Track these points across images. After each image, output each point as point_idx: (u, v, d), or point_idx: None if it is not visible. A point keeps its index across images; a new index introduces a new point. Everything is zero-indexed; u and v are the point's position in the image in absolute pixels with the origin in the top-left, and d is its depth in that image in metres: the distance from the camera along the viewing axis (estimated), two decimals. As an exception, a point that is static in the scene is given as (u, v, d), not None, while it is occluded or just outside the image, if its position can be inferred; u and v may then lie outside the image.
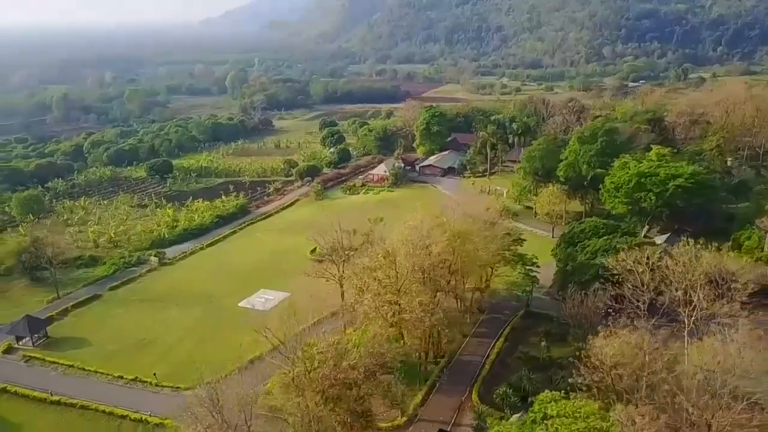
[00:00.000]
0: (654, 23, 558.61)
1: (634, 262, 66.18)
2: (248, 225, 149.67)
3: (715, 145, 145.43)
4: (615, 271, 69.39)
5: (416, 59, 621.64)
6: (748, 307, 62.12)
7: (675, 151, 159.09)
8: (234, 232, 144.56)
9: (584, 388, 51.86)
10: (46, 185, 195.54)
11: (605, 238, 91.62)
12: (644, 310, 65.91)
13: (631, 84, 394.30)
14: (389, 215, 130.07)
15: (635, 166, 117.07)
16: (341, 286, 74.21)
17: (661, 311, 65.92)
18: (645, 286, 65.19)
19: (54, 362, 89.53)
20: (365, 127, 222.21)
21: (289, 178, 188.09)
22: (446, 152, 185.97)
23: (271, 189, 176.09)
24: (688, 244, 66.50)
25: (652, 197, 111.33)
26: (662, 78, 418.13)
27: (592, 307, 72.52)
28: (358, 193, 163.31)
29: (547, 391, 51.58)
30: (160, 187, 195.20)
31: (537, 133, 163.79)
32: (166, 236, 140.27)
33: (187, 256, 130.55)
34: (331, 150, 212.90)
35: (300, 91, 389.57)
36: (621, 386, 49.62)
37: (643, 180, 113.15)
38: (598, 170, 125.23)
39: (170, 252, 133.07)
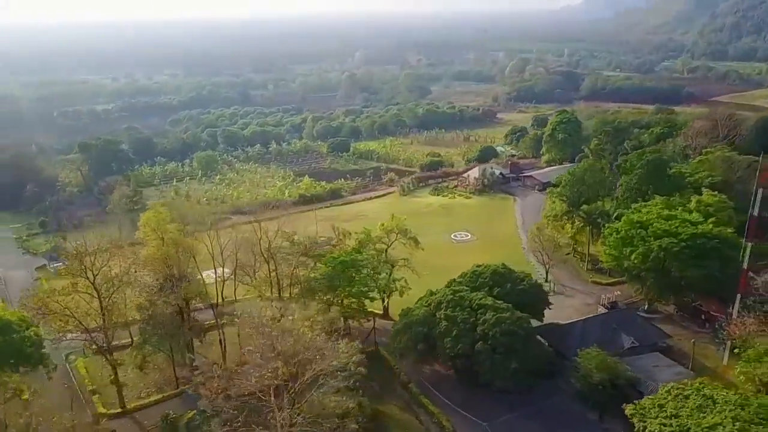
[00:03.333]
0: None
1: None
2: (318, 209, 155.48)
3: None
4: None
5: (758, 56, 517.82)
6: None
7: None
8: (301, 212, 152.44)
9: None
10: (246, 149, 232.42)
11: (450, 288, 74.30)
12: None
13: None
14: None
15: (646, 212, 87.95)
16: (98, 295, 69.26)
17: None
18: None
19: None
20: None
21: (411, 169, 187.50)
22: (571, 164, 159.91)
23: (386, 179, 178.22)
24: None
25: (637, 257, 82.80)
26: None
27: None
28: (439, 195, 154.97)
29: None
30: (322, 163, 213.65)
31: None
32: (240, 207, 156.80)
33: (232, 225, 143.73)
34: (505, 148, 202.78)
35: (559, 84, 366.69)
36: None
37: (633, 232, 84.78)
38: (621, 210, 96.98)
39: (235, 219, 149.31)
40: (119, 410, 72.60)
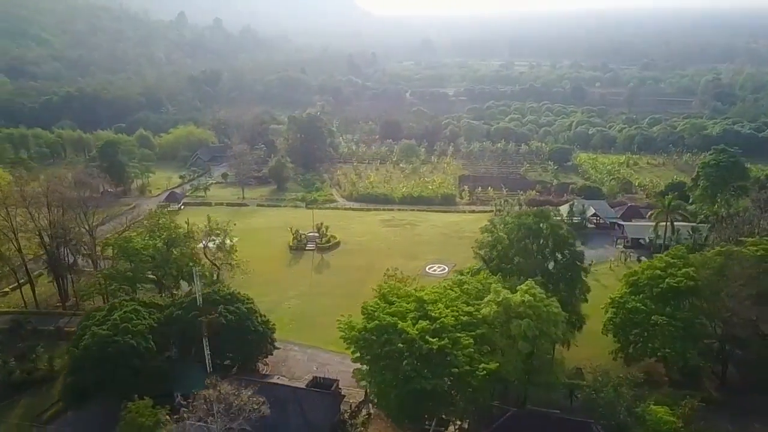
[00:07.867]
0: None
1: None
2: (414, 211, 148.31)
3: None
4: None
5: None
6: None
7: None
8: (388, 210, 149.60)
9: None
10: (472, 143, 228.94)
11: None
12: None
13: None
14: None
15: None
16: None
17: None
18: None
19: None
20: None
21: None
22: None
23: (524, 196, 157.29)
24: None
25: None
26: None
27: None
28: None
29: None
30: (520, 168, 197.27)
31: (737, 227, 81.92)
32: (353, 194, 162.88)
33: (317, 209, 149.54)
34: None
35: None
36: None
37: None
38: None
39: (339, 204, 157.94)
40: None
